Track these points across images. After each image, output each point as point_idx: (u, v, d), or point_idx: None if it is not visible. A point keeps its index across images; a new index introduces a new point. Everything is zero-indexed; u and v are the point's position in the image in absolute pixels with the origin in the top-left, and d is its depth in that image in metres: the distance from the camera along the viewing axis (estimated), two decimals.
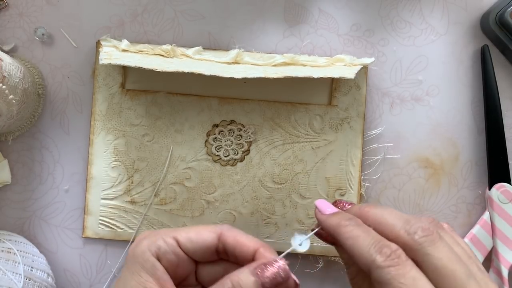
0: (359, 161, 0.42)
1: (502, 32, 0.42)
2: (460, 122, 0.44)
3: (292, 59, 0.42)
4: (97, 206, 0.42)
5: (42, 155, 0.43)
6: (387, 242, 0.29)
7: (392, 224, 0.30)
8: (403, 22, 0.44)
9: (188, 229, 0.33)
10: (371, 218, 0.31)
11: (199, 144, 0.42)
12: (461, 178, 0.44)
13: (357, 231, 0.30)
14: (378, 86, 0.44)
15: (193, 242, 0.32)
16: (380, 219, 0.30)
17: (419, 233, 0.29)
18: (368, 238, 0.29)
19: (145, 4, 0.43)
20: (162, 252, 0.32)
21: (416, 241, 0.28)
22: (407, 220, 0.29)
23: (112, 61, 0.39)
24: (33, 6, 0.43)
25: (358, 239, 0.30)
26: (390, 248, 0.28)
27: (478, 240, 0.42)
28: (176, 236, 0.32)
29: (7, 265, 0.38)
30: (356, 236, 0.30)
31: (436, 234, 0.29)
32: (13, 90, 0.38)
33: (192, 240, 0.32)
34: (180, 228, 0.34)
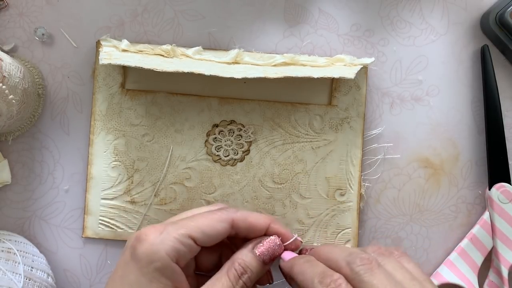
0: (359, 161, 0.42)
1: (502, 32, 0.42)
2: (460, 122, 0.44)
3: (292, 59, 0.42)
4: (97, 206, 0.42)
5: (42, 155, 0.43)
6: (330, 272, 0.31)
7: (337, 258, 0.32)
8: (403, 22, 0.44)
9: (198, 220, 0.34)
10: (322, 255, 0.33)
11: (199, 144, 0.42)
12: (461, 178, 0.44)
13: (305, 266, 0.32)
14: (378, 86, 0.44)
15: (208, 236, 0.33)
16: (328, 255, 0.33)
17: (357, 262, 0.30)
18: (314, 271, 0.31)
19: (145, 4, 0.43)
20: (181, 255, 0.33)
21: (353, 270, 0.30)
22: (350, 253, 0.31)
23: (112, 61, 0.39)
24: (33, 6, 0.43)
25: (305, 272, 0.32)
26: (331, 277, 0.30)
27: (478, 240, 0.42)
28: (192, 234, 0.33)
29: (7, 265, 0.38)
30: (304, 270, 0.32)
31: (374, 263, 0.30)
32: (13, 90, 0.38)
33: (207, 234, 0.33)
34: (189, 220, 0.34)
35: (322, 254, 0.33)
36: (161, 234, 0.32)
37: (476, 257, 0.42)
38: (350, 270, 0.30)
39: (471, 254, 0.42)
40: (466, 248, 0.42)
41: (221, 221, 0.34)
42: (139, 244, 0.32)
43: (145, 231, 0.33)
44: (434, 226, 0.44)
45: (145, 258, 0.32)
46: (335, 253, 0.32)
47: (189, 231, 0.33)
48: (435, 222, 0.44)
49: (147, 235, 0.32)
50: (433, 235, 0.44)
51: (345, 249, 0.33)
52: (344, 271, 0.31)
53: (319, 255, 0.34)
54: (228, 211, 0.35)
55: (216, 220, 0.34)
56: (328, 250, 0.33)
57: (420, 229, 0.44)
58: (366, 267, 0.30)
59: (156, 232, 0.32)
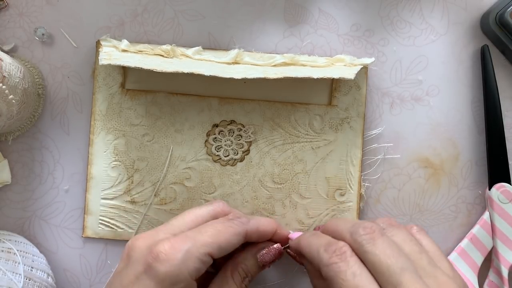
0: (359, 161, 0.42)
1: (502, 32, 0.42)
2: (460, 122, 0.44)
3: (292, 59, 0.42)
4: (97, 206, 0.42)
5: (42, 155, 0.43)
6: (335, 241, 0.31)
7: (341, 229, 0.32)
8: (403, 22, 0.44)
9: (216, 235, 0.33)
10: (328, 228, 0.34)
11: (199, 144, 0.42)
12: (461, 178, 0.44)
13: (311, 238, 0.34)
14: (378, 86, 0.44)
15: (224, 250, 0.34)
16: (333, 227, 0.34)
17: (360, 232, 0.31)
18: (319, 242, 0.32)
19: (145, 4, 0.43)
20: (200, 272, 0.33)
21: (356, 241, 0.31)
22: (354, 224, 0.32)
23: (112, 61, 0.39)
24: (33, 6, 0.43)
25: (311, 244, 0.33)
26: (337, 245, 0.31)
27: (478, 240, 0.42)
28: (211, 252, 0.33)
29: (7, 265, 0.38)
30: (310, 242, 0.33)
31: (377, 232, 0.31)
32: (13, 90, 0.38)
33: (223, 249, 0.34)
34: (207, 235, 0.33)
35: (328, 228, 0.34)
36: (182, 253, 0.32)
37: (476, 257, 0.42)
38: (353, 240, 0.31)
39: (471, 254, 0.42)
40: (466, 248, 0.42)
41: (237, 234, 0.34)
42: (160, 264, 0.31)
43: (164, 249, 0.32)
44: (434, 226, 0.44)
45: (168, 279, 0.31)
46: (340, 225, 0.33)
47: (209, 250, 0.33)
48: (435, 222, 0.44)
49: (168, 255, 0.32)
50: (433, 235, 0.43)
51: (350, 221, 0.33)
52: (347, 241, 0.31)
53: (326, 229, 0.35)
54: (242, 222, 0.35)
55: (232, 234, 0.34)
56: (334, 223, 0.34)
57: None
58: (369, 237, 0.30)
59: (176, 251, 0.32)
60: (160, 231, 0.35)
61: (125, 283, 0.32)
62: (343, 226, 0.33)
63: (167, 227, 0.35)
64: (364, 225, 0.31)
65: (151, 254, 0.32)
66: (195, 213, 0.36)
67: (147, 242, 0.33)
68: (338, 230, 0.33)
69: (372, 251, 0.30)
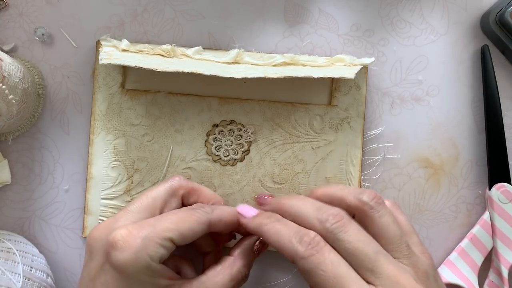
0: (359, 161, 0.42)
1: (502, 32, 0.42)
2: (460, 122, 0.44)
3: (292, 59, 0.42)
4: (97, 206, 0.42)
5: (42, 155, 0.43)
6: (305, 230, 0.31)
7: (307, 215, 0.32)
8: (403, 22, 0.44)
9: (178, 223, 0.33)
10: (288, 211, 0.34)
11: (199, 144, 0.42)
12: (461, 178, 0.44)
13: (278, 226, 0.33)
14: (378, 86, 0.44)
15: (186, 238, 0.33)
16: (296, 211, 0.33)
17: (330, 220, 0.31)
18: (288, 231, 0.32)
19: (145, 4, 0.43)
20: (162, 257, 0.32)
21: (327, 229, 0.31)
22: (319, 208, 0.32)
23: (112, 61, 0.39)
24: (33, 6, 0.43)
25: (280, 233, 0.32)
26: (309, 236, 0.31)
27: (478, 240, 0.42)
28: (172, 238, 0.32)
29: (6, 265, 0.38)
30: (278, 231, 0.32)
31: (346, 219, 0.31)
32: (13, 90, 0.38)
33: (185, 236, 0.33)
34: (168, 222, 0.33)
35: (287, 210, 0.34)
36: (141, 239, 0.31)
37: (476, 257, 0.42)
38: (323, 228, 0.31)
39: (471, 254, 0.42)
40: (466, 248, 0.42)
41: (200, 223, 0.34)
42: (118, 252, 0.31)
43: (121, 236, 0.31)
44: (434, 226, 0.44)
45: (129, 267, 0.31)
46: (304, 209, 0.33)
47: (170, 235, 0.32)
48: (435, 222, 0.44)
49: (126, 242, 0.31)
50: (433, 235, 0.43)
51: (311, 204, 0.33)
52: (317, 229, 0.31)
53: (284, 211, 0.34)
54: (206, 212, 0.35)
55: (195, 222, 0.33)
56: (295, 205, 0.34)
57: (420, 229, 0.44)
58: (340, 224, 0.31)
59: (134, 238, 0.31)
60: (119, 219, 0.34)
61: (92, 276, 0.33)
62: (308, 211, 0.33)
63: (125, 214, 0.34)
64: (332, 211, 0.32)
65: (109, 243, 0.31)
66: (152, 195, 0.36)
67: (105, 231, 0.33)
68: (303, 215, 0.33)
69: (346, 239, 0.30)
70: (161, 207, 0.35)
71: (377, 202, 0.33)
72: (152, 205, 0.35)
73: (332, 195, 0.35)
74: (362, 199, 0.33)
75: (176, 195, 0.37)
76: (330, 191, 0.35)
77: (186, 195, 0.38)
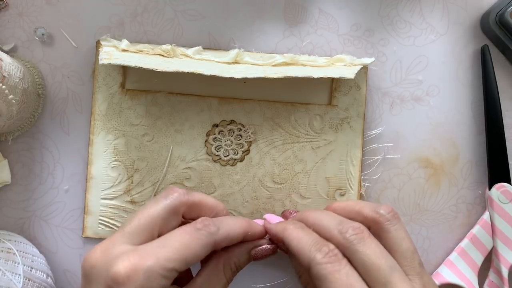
0: (359, 161, 0.42)
1: (502, 32, 0.42)
2: (460, 122, 0.44)
3: (292, 59, 0.42)
4: (97, 206, 0.42)
5: (42, 155, 0.43)
6: (325, 242, 0.32)
7: (328, 226, 0.33)
8: (403, 22, 0.44)
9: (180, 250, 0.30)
10: (311, 221, 0.35)
11: (199, 144, 0.42)
12: (461, 178, 0.44)
13: (300, 233, 0.34)
14: (378, 86, 0.44)
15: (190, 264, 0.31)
16: (318, 222, 0.34)
17: (350, 231, 0.32)
18: (309, 239, 0.33)
19: (145, 4, 0.43)
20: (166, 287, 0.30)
21: (346, 239, 0.32)
22: (341, 221, 0.33)
23: (112, 61, 0.39)
24: (33, 6, 0.43)
25: (301, 239, 0.33)
26: (328, 247, 0.32)
27: (478, 240, 0.42)
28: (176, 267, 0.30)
29: (7, 265, 0.38)
30: (300, 237, 0.33)
31: (366, 232, 0.32)
32: (13, 90, 0.38)
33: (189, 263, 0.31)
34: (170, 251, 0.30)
35: (311, 221, 0.35)
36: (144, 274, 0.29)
37: (476, 257, 0.42)
38: (343, 238, 0.32)
39: (471, 254, 0.42)
40: (466, 248, 0.42)
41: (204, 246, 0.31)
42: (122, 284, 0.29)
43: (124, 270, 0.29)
44: (434, 226, 0.44)
45: None
46: (325, 221, 0.34)
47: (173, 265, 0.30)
48: (435, 222, 0.44)
49: (129, 278, 0.29)
50: (433, 235, 0.43)
51: (334, 217, 0.34)
52: (336, 239, 0.32)
53: (307, 221, 0.35)
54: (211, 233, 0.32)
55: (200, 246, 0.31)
56: (318, 217, 0.35)
57: (420, 229, 0.44)
58: (359, 236, 0.32)
59: (137, 272, 0.29)
60: (115, 241, 0.31)
61: None
62: (329, 223, 0.33)
63: (122, 235, 0.32)
64: (353, 225, 0.33)
65: (110, 277, 0.29)
66: (150, 215, 0.32)
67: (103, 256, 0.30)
68: (324, 225, 0.34)
69: (364, 251, 0.31)
70: (160, 227, 0.33)
71: (393, 215, 0.34)
72: (150, 226, 0.32)
73: (349, 208, 0.36)
74: (379, 211, 0.34)
75: (177, 213, 0.34)
76: (347, 205, 0.36)
77: (187, 210, 0.35)
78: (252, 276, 0.43)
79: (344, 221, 0.33)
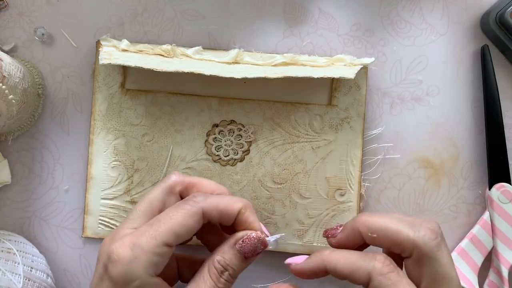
0: (359, 161, 0.42)
1: (502, 32, 0.42)
2: (460, 122, 0.44)
3: (292, 59, 0.42)
4: (97, 206, 0.42)
5: (42, 155, 0.43)
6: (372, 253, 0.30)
7: (397, 228, 0.30)
8: (403, 22, 0.44)
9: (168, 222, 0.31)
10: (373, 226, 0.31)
11: (199, 144, 0.42)
12: (461, 178, 0.44)
13: (342, 253, 0.31)
14: (378, 86, 0.44)
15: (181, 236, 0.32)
16: (383, 225, 0.31)
17: (429, 235, 0.29)
18: (355, 254, 0.31)
19: (145, 4, 0.43)
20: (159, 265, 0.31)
21: (426, 243, 0.29)
22: (411, 223, 0.30)
23: (112, 61, 0.39)
24: (33, 6, 0.43)
25: (348, 257, 0.31)
26: (382, 255, 0.30)
27: (478, 240, 0.42)
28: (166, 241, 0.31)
29: (7, 265, 0.38)
30: (345, 256, 0.31)
31: (441, 237, 0.30)
32: (13, 90, 0.38)
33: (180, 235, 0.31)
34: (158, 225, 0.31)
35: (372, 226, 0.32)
36: (133, 250, 0.30)
37: (476, 257, 0.42)
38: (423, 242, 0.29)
39: (471, 254, 0.42)
40: (466, 248, 0.42)
41: (191, 215, 0.31)
42: (112, 265, 0.31)
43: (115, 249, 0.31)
44: None
45: (122, 280, 0.30)
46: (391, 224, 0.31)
47: (163, 239, 0.31)
48: None
49: (119, 255, 0.30)
50: None
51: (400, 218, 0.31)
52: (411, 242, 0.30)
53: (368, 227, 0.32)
54: (196, 201, 0.32)
55: (187, 215, 0.31)
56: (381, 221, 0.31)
57: None
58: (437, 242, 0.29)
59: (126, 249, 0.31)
60: (121, 228, 0.33)
61: (94, 284, 0.32)
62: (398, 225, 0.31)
63: (126, 222, 0.34)
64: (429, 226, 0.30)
65: (106, 255, 0.31)
66: (148, 199, 0.34)
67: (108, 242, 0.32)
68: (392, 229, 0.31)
69: (440, 260, 0.29)
70: (159, 208, 0.34)
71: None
72: (150, 209, 0.34)
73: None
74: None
75: (173, 192, 0.35)
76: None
77: (184, 191, 0.35)
78: (252, 276, 0.43)
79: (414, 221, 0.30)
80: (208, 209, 0.32)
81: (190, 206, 0.32)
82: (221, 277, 0.32)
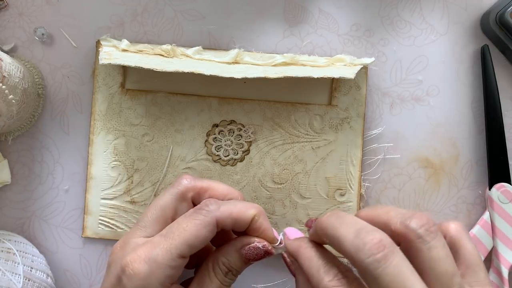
0: (359, 161, 0.42)
1: (502, 32, 0.42)
2: (460, 122, 0.44)
3: (292, 59, 0.42)
4: (97, 206, 0.42)
5: (42, 155, 0.43)
6: (337, 262, 0.29)
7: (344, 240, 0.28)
8: (403, 22, 0.44)
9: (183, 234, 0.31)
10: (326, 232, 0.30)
11: (199, 144, 0.42)
12: (461, 178, 0.44)
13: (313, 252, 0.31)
14: (378, 86, 0.44)
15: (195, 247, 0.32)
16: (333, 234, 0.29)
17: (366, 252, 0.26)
18: (320, 260, 0.30)
19: (145, 4, 0.43)
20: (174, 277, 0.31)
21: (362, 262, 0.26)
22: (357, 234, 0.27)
23: (112, 61, 0.39)
24: (33, 6, 0.43)
25: (312, 259, 0.30)
26: (338, 268, 0.29)
27: (478, 240, 0.42)
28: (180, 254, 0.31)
29: (7, 265, 0.38)
30: (311, 257, 0.31)
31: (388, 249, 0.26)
32: (13, 90, 0.38)
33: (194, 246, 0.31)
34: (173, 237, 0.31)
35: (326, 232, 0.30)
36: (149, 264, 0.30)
37: None
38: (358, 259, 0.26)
39: None
40: None
41: (205, 226, 0.31)
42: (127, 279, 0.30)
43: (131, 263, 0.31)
44: None
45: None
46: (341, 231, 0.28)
47: (177, 252, 0.31)
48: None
49: (134, 270, 0.30)
50: None
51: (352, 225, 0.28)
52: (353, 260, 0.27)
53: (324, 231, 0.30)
54: (209, 211, 0.32)
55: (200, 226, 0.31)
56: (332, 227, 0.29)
57: None
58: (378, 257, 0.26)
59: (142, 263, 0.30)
60: (132, 235, 0.33)
61: None
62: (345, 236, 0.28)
63: (136, 228, 0.33)
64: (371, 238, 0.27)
65: (120, 268, 0.31)
66: (160, 206, 0.34)
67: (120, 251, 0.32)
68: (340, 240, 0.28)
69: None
70: (171, 216, 0.34)
71: (427, 230, 0.27)
72: (162, 216, 0.34)
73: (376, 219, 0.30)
74: (409, 225, 0.27)
75: (185, 199, 0.34)
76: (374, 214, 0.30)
77: (196, 196, 0.35)
78: (253, 276, 0.43)
79: (361, 231, 0.27)
80: (221, 218, 0.32)
81: (204, 216, 0.32)
82: (226, 276, 0.33)
